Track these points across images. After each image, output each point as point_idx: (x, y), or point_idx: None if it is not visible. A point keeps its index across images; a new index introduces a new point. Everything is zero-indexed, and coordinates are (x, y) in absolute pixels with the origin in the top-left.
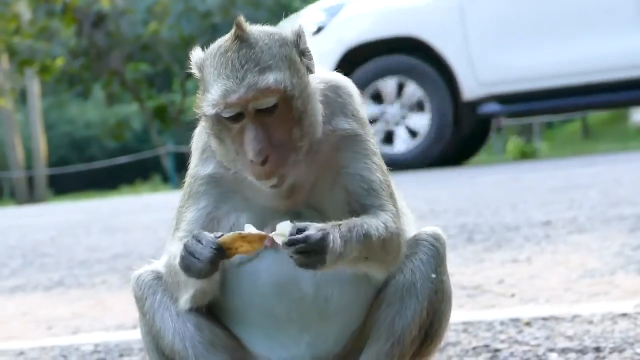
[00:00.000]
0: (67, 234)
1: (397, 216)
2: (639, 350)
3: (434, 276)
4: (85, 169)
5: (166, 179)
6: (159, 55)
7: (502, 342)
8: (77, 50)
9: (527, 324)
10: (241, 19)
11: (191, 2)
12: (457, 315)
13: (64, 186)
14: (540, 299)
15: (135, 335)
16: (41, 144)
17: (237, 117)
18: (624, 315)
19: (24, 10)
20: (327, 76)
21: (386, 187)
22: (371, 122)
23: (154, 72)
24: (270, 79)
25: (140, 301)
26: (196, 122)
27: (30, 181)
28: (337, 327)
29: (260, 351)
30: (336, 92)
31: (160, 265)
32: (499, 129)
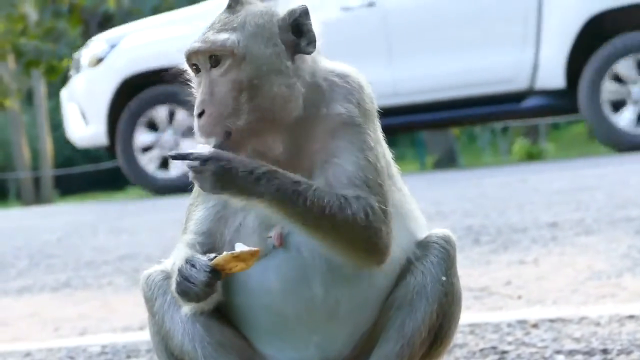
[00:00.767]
0: (73, 235)
1: (377, 214)
2: None
3: (444, 279)
4: (91, 169)
5: None
6: None
7: (509, 344)
8: None
9: (534, 326)
10: None
11: (197, 3)
12: (464, 317)
13: (70, 187)
14: (547, 301)
15: (142, 336)
16: (47, 144)
17: (198, 70)
18: (631, 317)
19: (31, 11)
20: (341, 67)
21: (374, 184)
22: (147, 149)
23: None
24: (223, 37)
25: (149, 301)
26: None
27: (36, 182)
28: (347, 328)
29: (269, 352)
30: (344, 78)
31: (169, 263)
32: (504, 130)
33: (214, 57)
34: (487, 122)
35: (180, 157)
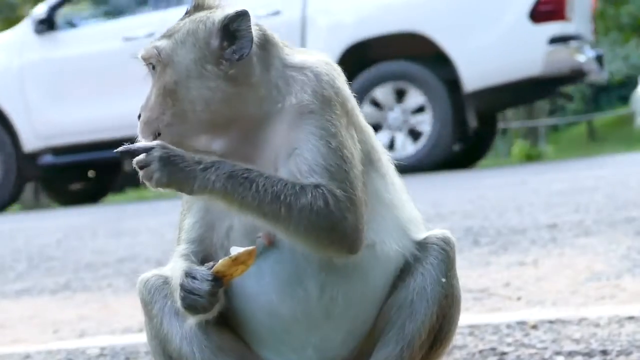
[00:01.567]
0: (73, 237)
1: (340, 201)
2: None
3: (444, 280)
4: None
5: None
6: None
7: (509, 345)
8: None
9: (534, 327)
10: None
11: None
12: (463, 318)
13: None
14: (546, 302)
15: (141, 338)
16: None
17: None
18: (630, 318)
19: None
20: (304, 58)
21: (336, 170)
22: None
23: None
24: (156, 44)
25: (148, 305)
26: None
27: (35, 184)
28: (345, 329)
29: (267, 354)
30: (300, 71)
31: (167, 270)
32: (503, 131)
33: (151, 63)
34: None
35: (127, 150)
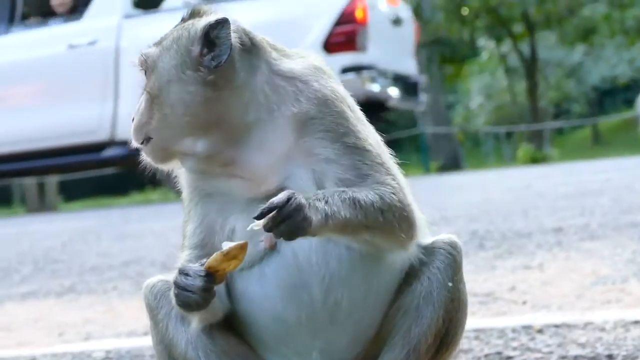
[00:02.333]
0: (78, 240)
1: (396, 189)
2: None
3: (450, 284)
4: (95, 175)
5: None
6: None
7: (514, 349)
8: None
9: (539, 331)
10: (197, 7)
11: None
12: (469, 322)
13: (74, 192)
14: (552, 306)
15: (146, 341)
16: None
17: None
18: (636, 322)
19: None
20: (290, 66)
21: (370, 163)
22: None
23: None
24: (146, 51)
25: (154, 310)
26: None
27: (41, 187)
28: (350, 332)
29: (272, 358)
30: (291, 82)
31: (172, 276)
32: (508, 135)
33: (143, 69)
34: (70, 171)
35: (267, 210)
